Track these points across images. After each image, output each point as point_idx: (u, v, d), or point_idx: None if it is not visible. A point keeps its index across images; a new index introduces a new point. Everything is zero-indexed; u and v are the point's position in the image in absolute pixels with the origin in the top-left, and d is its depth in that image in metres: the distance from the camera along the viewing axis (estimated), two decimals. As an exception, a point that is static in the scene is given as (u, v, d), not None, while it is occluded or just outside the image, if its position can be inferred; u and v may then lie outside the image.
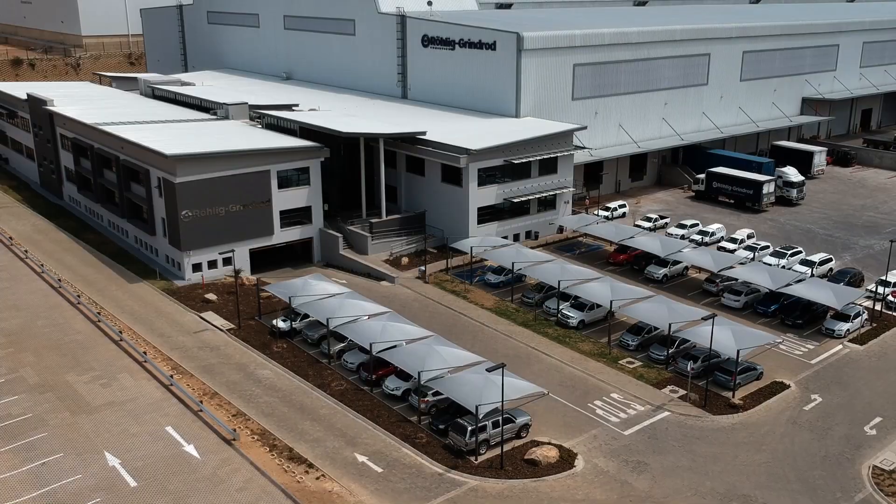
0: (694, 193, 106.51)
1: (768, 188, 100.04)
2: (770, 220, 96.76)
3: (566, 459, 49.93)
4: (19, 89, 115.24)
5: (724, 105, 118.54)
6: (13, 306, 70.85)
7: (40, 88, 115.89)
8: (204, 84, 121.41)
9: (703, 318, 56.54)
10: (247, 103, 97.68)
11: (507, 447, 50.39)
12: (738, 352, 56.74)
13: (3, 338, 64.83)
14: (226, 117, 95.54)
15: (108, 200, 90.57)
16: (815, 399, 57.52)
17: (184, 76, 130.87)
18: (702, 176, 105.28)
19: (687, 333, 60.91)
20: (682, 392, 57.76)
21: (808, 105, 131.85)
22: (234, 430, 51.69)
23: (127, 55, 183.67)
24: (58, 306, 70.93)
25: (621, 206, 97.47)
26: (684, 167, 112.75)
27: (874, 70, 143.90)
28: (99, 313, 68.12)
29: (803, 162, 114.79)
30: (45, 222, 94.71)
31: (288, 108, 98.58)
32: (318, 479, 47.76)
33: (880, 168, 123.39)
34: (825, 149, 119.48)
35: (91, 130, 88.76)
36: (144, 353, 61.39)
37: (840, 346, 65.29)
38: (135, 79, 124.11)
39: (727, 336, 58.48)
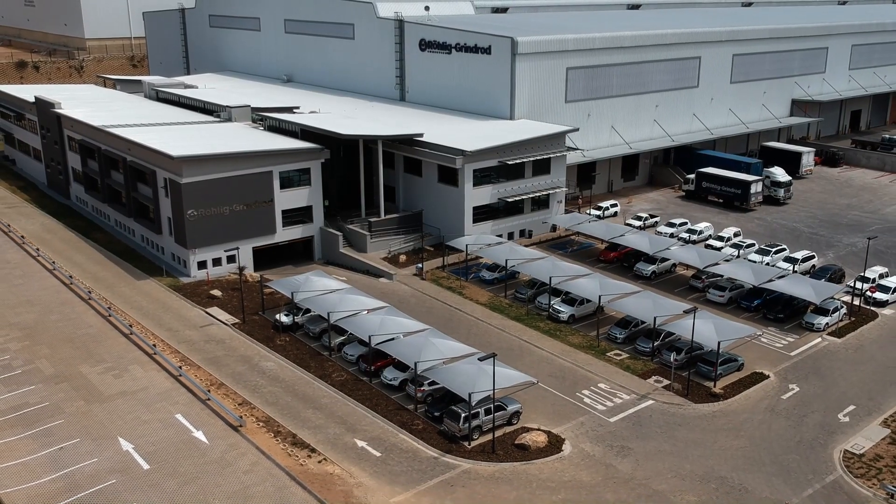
0: (684, 193, 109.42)
1: (756, 188, 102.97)
2: (757, 219, 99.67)
3: (554, 444, 52.85)
4: (26, 92, 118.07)
5: (715, 107, 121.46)
6: (27, 301, 73.77)
7: (47, 91, 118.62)
8: (206, 86, 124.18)
9: (684, 312, 59.42)
10: (249, 106, 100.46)
11: (498, 433, 53.25)
12: (718, 343, 59.69)
13: (19, 331, 67.80)
14: (229, 119, 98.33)
15: (114, 200, 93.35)
16: (793, 389, 60.42)
17: (186, 79, 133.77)
18: (692, 176, 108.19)
19: (672, 326, 63.90)
20: (665, 382, 60.70)
21: (798, 106, 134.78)
22: (241, 417, 54.60)
23: (129, 57, 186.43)
24: (69, 302, 73.83)
25: (613, 206, 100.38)
26: (675, 167, 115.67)
27: (863, 72, 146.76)
28: (109, 308, 71.02)
29: (792, 162, 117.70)
30: (54, 222, 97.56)
31: (289, 110, 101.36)
32: (320, 462, 50.66)
33: (867, 168, 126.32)
34: (813, 149, 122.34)
35: (98, 132, 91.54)
36: (154, 345, 64.27)
37: (819, 339, 68.22)
38: (139, 81, 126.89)
39: (709, 329, 61.49)
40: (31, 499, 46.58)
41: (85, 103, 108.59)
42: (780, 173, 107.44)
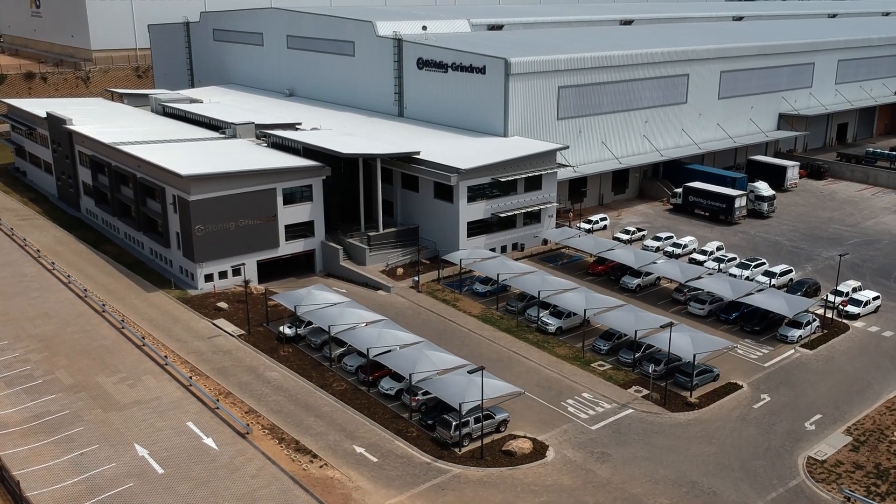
0: (672, 207, 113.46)
1: (740, 202, 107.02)
2: (741, 233, 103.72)
3: (539, 451, 56.93)
4: (37, 106, 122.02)
5: (703, 122, 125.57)
6: (45, 314, 77.82)
7: (56, 105, 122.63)
8: (211, 100, 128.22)
9: (661, 326, 63.47)
10: (253, 123, 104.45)
11: (486, 440, 57.33)
12: (694, 356, 63.78)
13: (39, 342, 71.88)
14: (234, 136, 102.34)
15: (124, 214, 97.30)
16: (765, 398, 64.47)
17: (191, 92, 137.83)
18: (679, 190, 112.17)
19: (652, 339, 67.97)
20: (645, 392, 64.76)
21: (785, 121, 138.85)
22: (248, 424, 58.67)
23: (134, 68, 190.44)
24: (85, 314, 77.86)
25: (602, 220, 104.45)
26: (664, 181, 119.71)
27: (849, 86, 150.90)
28: (123, 320, 75.07)
29: (777, 176, 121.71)
30: (66, 234, 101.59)
31: (292, 126, 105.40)
32: (321, 467, 54.71)
33: (851, 181, 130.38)
34: (798, 163, 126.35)
35: (109, 149, 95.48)
36: (165, 356, 68.31)
37: (792, 351, 72.28)
38: (146, 96, 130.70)
39: (686, 342, 65.54)
40: (56, 501, 50.65)
41: (95, 118, 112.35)
42: (763, 188, 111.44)
